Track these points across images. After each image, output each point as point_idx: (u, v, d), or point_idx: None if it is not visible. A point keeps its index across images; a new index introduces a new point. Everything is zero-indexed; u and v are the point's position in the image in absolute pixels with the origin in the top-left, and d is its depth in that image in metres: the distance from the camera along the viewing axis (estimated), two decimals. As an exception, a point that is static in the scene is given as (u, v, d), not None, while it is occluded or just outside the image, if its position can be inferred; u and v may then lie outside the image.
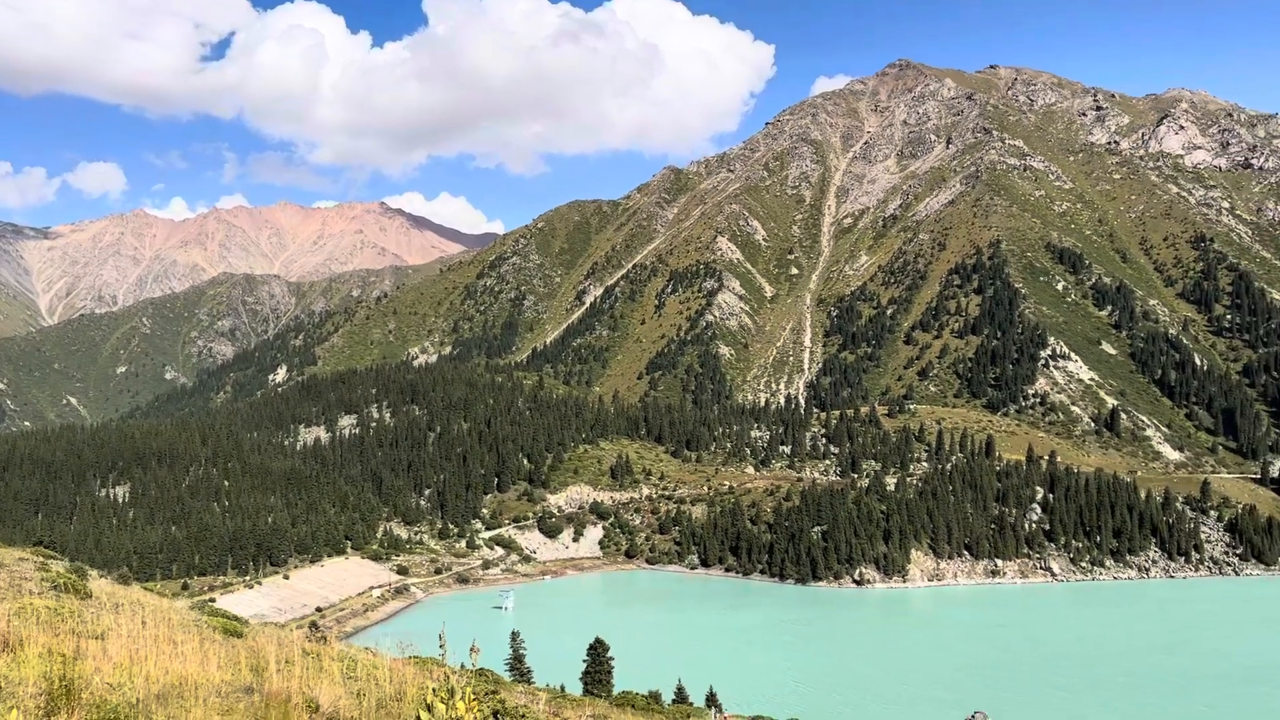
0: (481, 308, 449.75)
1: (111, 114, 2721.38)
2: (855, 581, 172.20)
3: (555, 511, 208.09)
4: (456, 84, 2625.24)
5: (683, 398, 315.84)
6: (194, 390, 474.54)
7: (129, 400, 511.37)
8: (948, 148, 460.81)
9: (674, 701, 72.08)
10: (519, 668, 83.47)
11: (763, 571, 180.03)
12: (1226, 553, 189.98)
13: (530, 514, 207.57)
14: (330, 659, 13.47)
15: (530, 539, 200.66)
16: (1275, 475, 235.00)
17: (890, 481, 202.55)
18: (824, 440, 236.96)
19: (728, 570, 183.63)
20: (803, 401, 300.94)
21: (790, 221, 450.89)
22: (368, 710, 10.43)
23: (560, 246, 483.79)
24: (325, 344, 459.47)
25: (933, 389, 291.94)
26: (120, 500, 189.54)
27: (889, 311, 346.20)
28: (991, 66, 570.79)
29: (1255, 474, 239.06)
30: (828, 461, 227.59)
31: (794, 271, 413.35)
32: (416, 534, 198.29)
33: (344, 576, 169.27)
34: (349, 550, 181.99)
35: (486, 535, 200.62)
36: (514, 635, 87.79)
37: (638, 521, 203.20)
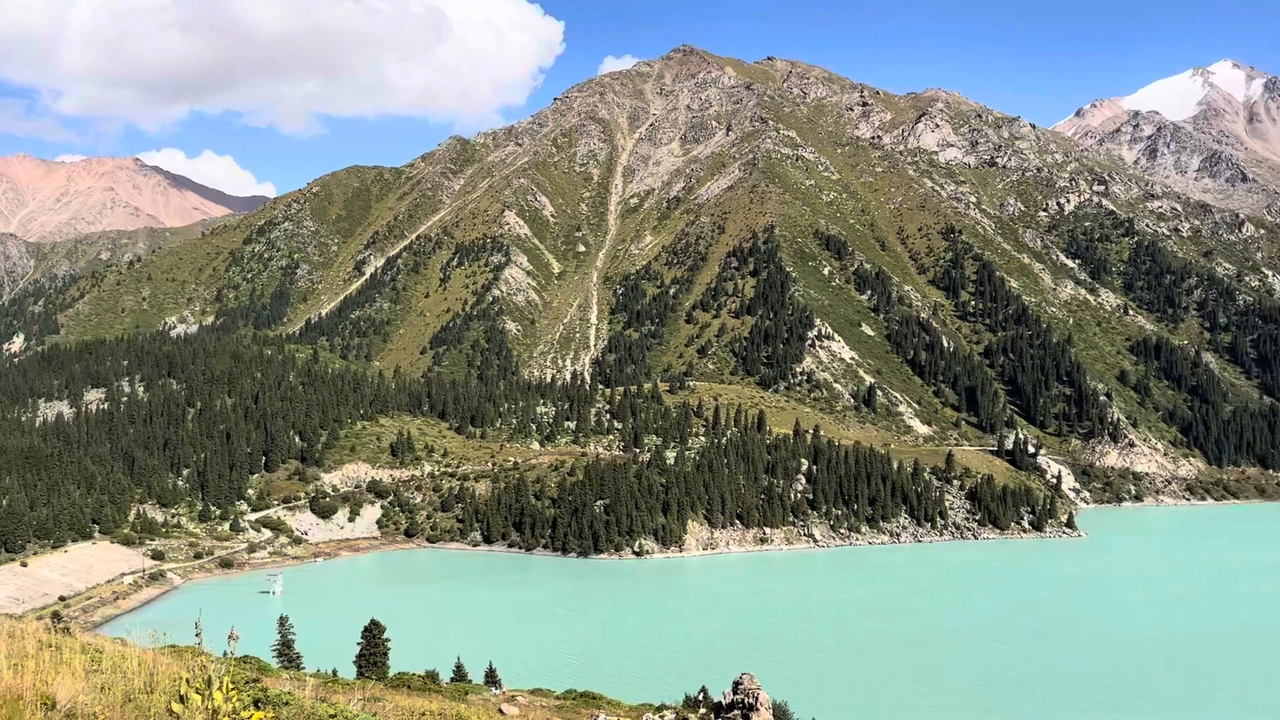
0: (249, 275, 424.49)
1: None
2: (635, 553, 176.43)
3: (330, 491, 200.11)
4: (223, 34, 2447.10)
5: (468, 373, 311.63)
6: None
7: None
8: (728, 134, 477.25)
9: (452, 680, 71.11)
10: (288, 654, 79.71)
11: (546, 546, 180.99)
12: (967, 519, 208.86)
13: (302, 494, 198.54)
14: (73, 651, 12.10)
15: (302, 520, 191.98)
16: (1009, 447, 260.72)
17: (670, 455, 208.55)
18: (608, 416, 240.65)
19: (511, 546, 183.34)
20: (588, 378, 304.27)
21: (578, 199, 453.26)
22: (113, 704, 9.37)
23: (338, 213, 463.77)
24: (69, 311, 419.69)
25: (711, 366, 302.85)
26: None
27: (672, 291, 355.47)
28: (769, 58, 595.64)
29: (993, 446, 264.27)
30: (612, 436, 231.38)
31: (581, 249, 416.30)
32: (174, 516, 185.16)
33: (91, 563, 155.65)
34: (97, 535, 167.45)
35: (253, 517, 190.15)
36: (282, 620, 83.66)
37: (419, 499, 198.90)
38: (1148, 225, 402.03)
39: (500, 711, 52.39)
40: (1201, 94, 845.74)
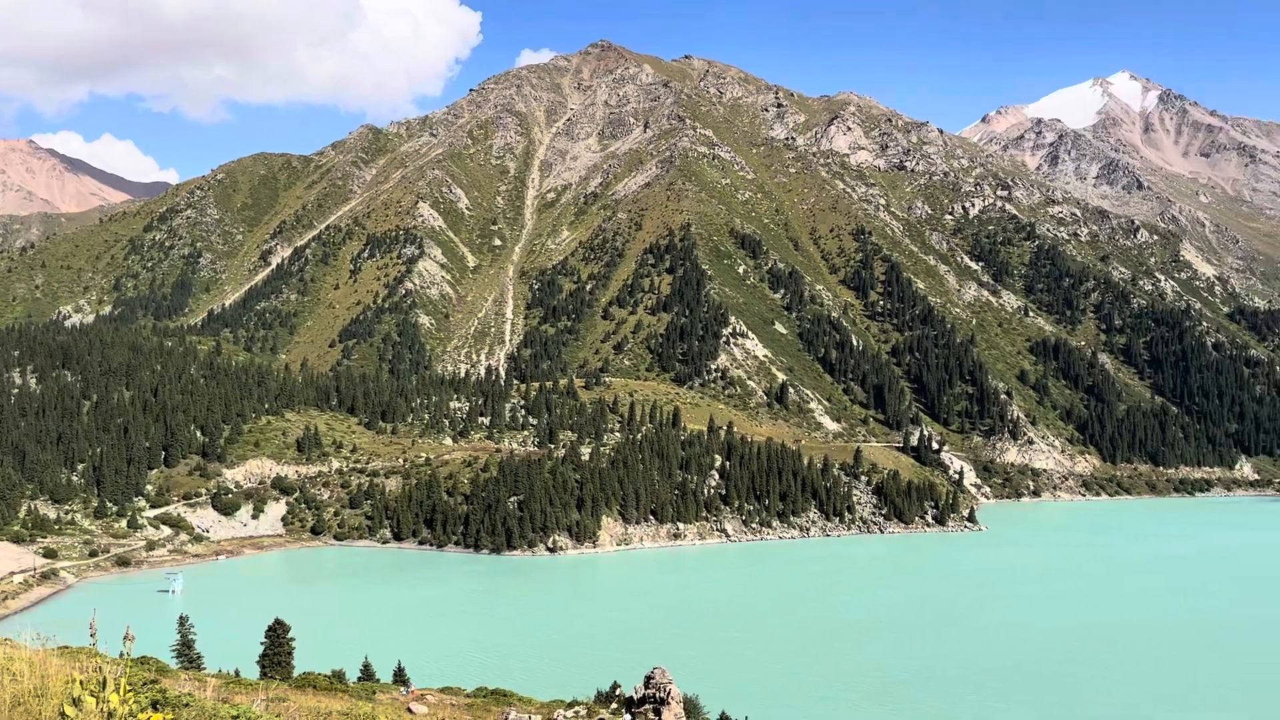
0: (149, 264, 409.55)
1: None
2: (549, 549, 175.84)
3: (233, 487, 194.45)
4: (127, 14, 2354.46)
5: (379, 367, 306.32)
6: None
7: None
8: (645, 131, 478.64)
9: (360, 679, 69.88)
10: (188, 654, 77.23)
11: (458, 543, 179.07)
12: (874, 513, 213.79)
13: (203, 490, 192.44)
14: (-48, 655, 11.50)
15: (203, 517, 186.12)
16: (914, 444, 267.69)
17: (585, 451, 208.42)
18: (523, 411, 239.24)
19: (422, 544, 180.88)
20: (503, 373, 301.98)
21: (494, 192, 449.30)
22: (0, 709, 9.00)
23: (243, 201, 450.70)
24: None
25: (627, 363, 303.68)
26: None
27: (589, 287, 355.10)
28: (686, 56, 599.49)
29: (899, 443, 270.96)
30: (526, 432, 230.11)
31: (497, 243, 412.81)
32: (68, 513, 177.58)
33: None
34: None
35: (151, 514, 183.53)
36: (182, 620, 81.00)
37: (326, 496, 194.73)
38: (1048, 230, 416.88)
39: (409, 710, 51.65)
40: (1101, 103, 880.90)
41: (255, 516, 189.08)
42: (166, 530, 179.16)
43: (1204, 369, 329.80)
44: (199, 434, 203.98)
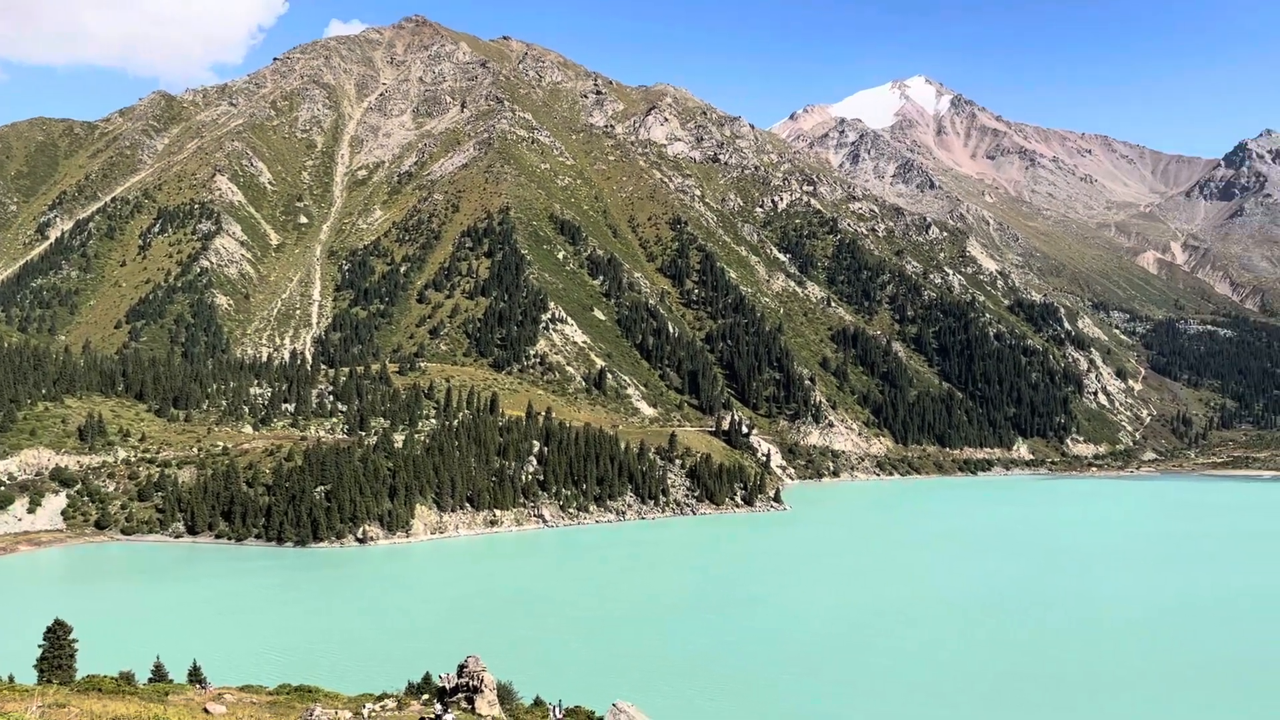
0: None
1: None
2: (358, 540, 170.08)
3: (5, 479, 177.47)
4: None
5: (171, 350, 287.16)
6: None
7: None
8: (462, 111, 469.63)
9: (151, 680, 65.25)
10: (-52, 664, 69.79)
11: (259, 536, 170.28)
12: (687, 495, 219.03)
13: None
14: None
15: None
16: (726, 428, 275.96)
17: (399, 438, 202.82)
18: (332, 398, 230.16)
19: (219, 537, 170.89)
20: (310, 357, 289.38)
21: (300, 167, 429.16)
22: None
23: (18, 169, 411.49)
24: None
25: (444, 348, 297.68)
26: None
27: (403, 269, 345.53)
28: (505, 37, 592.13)
29: (712, 427, 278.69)
30: (335, 419, 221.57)
31: (303, 220, 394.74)
32: None
33: None
34: None
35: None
36: (-58, 627, 73.20)
37: (112, 488, 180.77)
38: (849, 225, 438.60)
39: (205, 711, 48.80)
40: (899, 106, 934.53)
41: (31, 510, 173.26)
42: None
43: (986, 357, 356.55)
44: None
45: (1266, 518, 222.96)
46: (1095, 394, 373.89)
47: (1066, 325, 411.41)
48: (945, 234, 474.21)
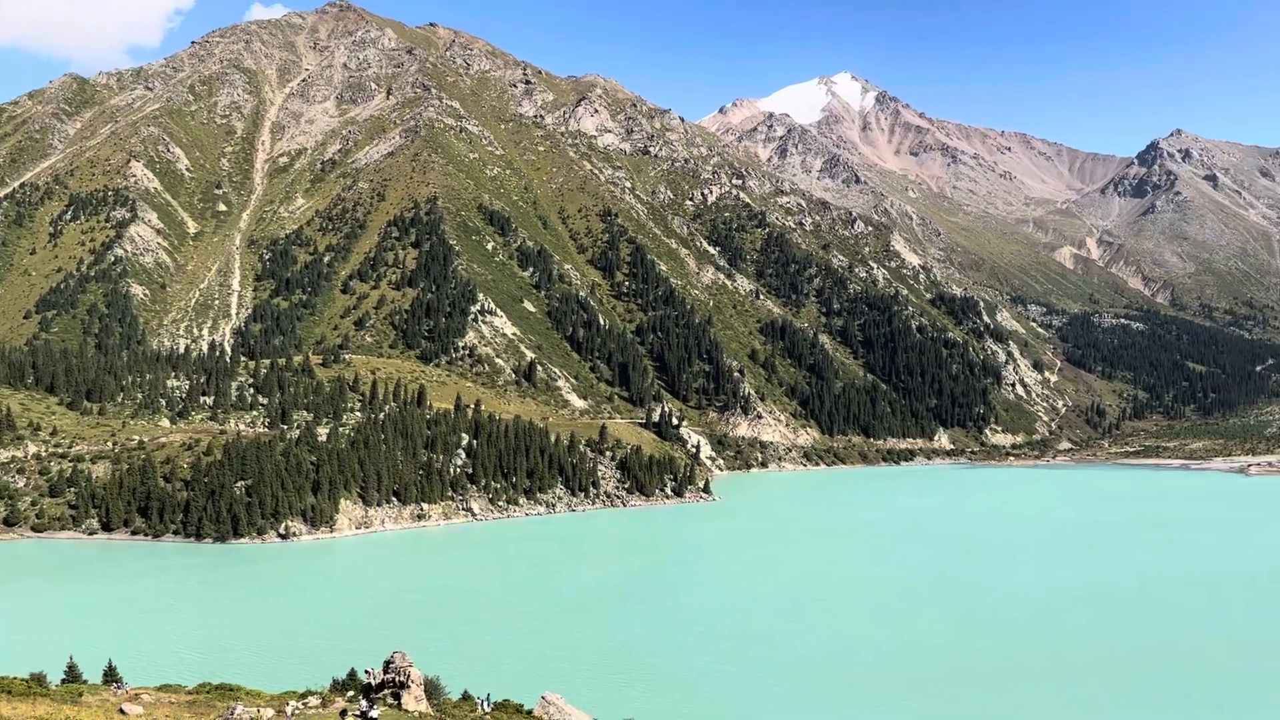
0: None
1: None
2: (281, 536, 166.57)
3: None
4: None
5: (84, 342, 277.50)
6: None
7: None
8: (388, 98, 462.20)
9: (64, 681, 63.11)
10: None
11: (177, 532, 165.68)
12: (618, 487, 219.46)
13: None
14: None
15: None
16: (656, 420, 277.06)
17: (323, 432, 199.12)
18: (252, 390, 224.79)
19: (135, 534, 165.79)
20: (229, 349, 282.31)
21: (219, 154, 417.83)
22: None
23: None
24: None
25: (369, 339, 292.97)
26: None
27: (326, 259, 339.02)
28: (431, 24, 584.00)
29: (642, 419, 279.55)
30: (256, 413, 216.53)
31: (222, 208, 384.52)
32: None
33: None
34: None
35: None
36: None
37: (22, 484, 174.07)
38: (777, 219, 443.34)
39: (121, 712, 47.55)
40: (825, 101, 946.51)
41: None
42: None
43: (909, 349, 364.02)
44: None
45: (1173, 505, 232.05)
46: (1013, 385, 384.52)
47: (986, 318, 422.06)
48: (870, 229, 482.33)
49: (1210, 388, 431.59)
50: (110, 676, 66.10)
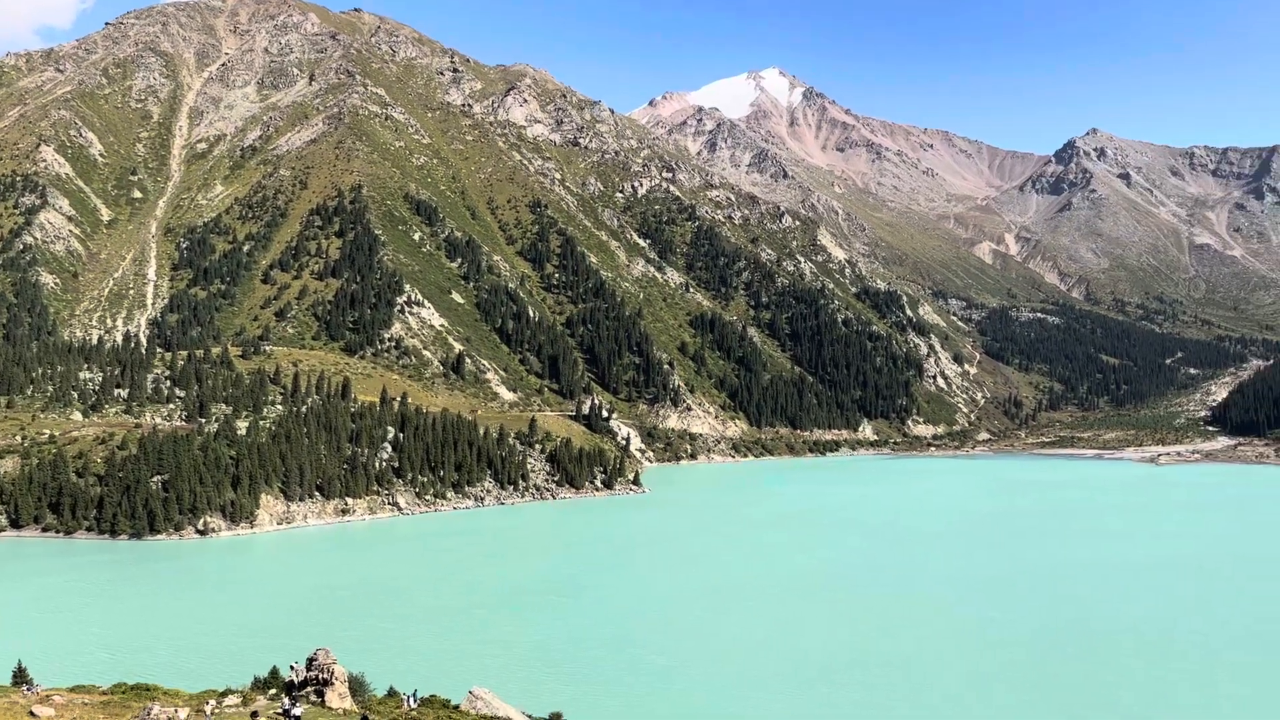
0: None
1: None
2: (199, 531, 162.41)
3: None
4: None
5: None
6: None
7: None
8: (311, 84, 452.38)
9: (-33, 688, 60.64)
10: None
11: (90, 528, 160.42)
12: (547, 480, 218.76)
13: None
14: None
15: None
16: (586, 412, 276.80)
17: (242, 425, 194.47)
18: (169, 383, 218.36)
19: (45, 530, 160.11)
20: (145, 340, 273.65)
21: (134, 139, 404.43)
22: None
23: None
24: None
25: (291, 331, 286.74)
26: None
27: (246, 248, 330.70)
28: (356, 10, 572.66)
29: (572, 411, 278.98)
30: (172, 406, 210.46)
31: (137, 195, 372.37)
32: None
33: None
34: None
35: None
36: None
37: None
38: (707, 212, 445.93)
39: (31, 714, 46.03)
40: (754, 96, 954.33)
41: None
42: None
43: (835, 342, 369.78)
44: None
45: (1086, 493, 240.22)
46: (934, 378, 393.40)
47: (909, 312, 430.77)
48: (798, 223, 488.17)
49: (1123, 380, 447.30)
50: (20, 678, 63.74)
